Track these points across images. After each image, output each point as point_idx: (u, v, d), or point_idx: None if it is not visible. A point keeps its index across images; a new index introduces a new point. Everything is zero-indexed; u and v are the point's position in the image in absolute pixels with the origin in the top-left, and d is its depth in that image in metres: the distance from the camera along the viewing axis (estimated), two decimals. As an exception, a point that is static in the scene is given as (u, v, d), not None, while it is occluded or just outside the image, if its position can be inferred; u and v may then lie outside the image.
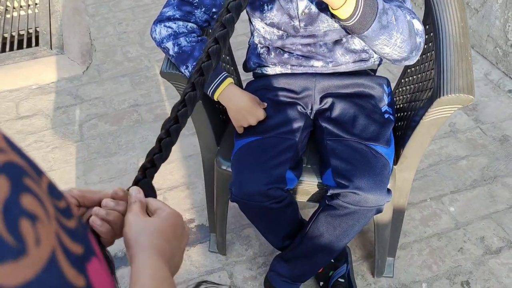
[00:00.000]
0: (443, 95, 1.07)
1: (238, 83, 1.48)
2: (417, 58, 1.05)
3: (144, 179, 0.61)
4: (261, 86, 1.30)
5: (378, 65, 1.32)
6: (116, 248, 1.58)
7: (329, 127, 1.21)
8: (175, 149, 1.37)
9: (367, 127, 1.17)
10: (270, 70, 1.29)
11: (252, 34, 1.30)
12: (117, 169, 1.86)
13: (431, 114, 1.11)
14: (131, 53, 2.48)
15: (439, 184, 1.70)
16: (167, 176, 1.81)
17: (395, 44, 0.98)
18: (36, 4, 2.85)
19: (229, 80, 1.17)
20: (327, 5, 1.13)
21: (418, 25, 1.02)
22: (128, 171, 1.85)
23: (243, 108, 1.17)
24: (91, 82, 2.31)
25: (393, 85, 1.41)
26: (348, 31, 0.98)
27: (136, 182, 0.61)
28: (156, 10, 2.76)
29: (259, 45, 1.28)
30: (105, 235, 0.54)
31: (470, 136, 1.87)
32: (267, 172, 1.12)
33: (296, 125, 1.22)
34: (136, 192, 0.57)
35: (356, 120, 1.19)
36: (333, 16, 0.95)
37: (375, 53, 1.03)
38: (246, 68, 1.36)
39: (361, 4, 0.90)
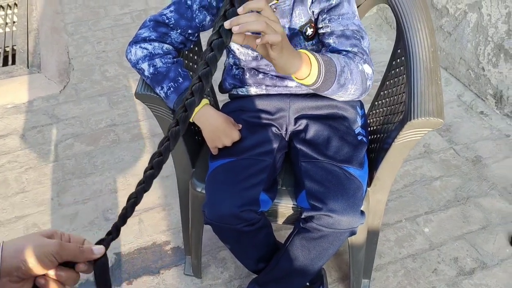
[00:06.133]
0: (414, 118, 1.09)
1: (215, 104, 1.49)
2: (364, 96, 1.11)
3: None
4: (237, 108, 1.31)
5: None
6: None
7: (303, 149, 1.21)
8: (151, 170, 1.36)
9: (341, 149, 1.18)
10: (246, 91, 1.30)
11: (227, 55, 1.31)
12: (92, 190, 1.84)
13: (402, 137, 1.13)
14: (109, 72, 2.47)
15: (414, 205, 1.72)
16: (143, 197, 1.79)
17: (350, 93, 1.05)
18: (14, 22, 2.83)
19: (205, 101, 1.17)
20: (299, 29, 1.15)
21: (368, 70, 1.07)
22: (103, 192, 1.83)
23: (218, 129, 1.17)
24: (68, 101, 2.29)
25: (367, 106, 1.44)
26: None
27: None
28: (136, 30, 2.76)
29: (234, 66, 1.29)
30: None
31: (444, 157, 1.90)
32: (240, 194, 1.12)
33: (271, 146, 1.23)
34: None
35: (330, 142, 1.20)
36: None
37: None
38: (222, 89, 1.37)
39: (322, 73, 0.96)
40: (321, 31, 1.14)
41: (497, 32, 1.93)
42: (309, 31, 1.16)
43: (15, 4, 2.96)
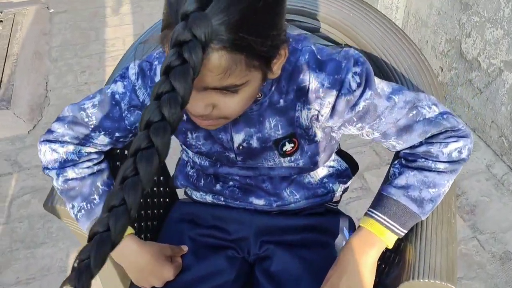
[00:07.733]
0: (413, 278, 0.77)
1: (171, 191, 1.19)
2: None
3: None
4: (188, 216, 1.01)
5: (341, 195, 1.03)
6: None
7: (265, 285, 0.91)
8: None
9: (313, 297, 0.86)
10: (200, 197, 1.00)
11: (181, 149, 1.01)
12: (40, 266, 1.56)
13: (397, 298, 0.80)
14: (87, 110, 2.20)
15: (421, 320, 1.38)
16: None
17: (446, 190, 0.82)
18: (-6, 44, 2.58)
19: (129, 230, 0.87)
20: (274, 143, 0.84)
21: (456, 145, 0.78)
22: (51, 270, 1.55)
23: (143, 270, 0.87)
24: (35, 145, 2.01)
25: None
26: None
27: None
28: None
29: (189, 164, 0.99)
30: None
31: (465, 250, 1.55)
32: None
33: (223, 279, 0.92)
34: None
35: (299, 284, 0.89)
36: None
37: None
38: (173, 184, 1.07)
39: (398, 229, 0.79)
40: (365, 137, 0.82)
41: (540, 98, 1.56)
42: (288, 147, 0.83)
43: (0, 21, 2.72)
